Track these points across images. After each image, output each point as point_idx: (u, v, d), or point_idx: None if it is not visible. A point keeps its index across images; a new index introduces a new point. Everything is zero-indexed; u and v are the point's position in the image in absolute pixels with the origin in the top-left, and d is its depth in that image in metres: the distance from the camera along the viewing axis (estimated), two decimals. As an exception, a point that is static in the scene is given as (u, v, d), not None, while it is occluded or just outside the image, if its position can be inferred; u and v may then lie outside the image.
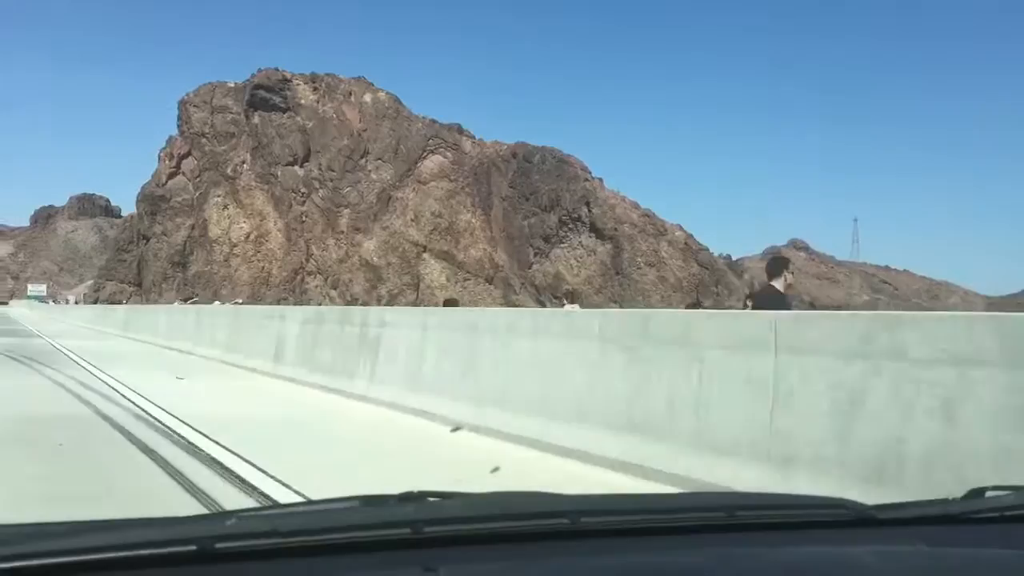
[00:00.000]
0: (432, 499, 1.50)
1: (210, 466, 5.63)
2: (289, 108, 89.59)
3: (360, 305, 76.95)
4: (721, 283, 71.76)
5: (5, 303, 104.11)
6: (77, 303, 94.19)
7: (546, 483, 4.46)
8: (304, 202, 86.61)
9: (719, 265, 72.17)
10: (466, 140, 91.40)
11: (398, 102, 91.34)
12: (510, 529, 1.40)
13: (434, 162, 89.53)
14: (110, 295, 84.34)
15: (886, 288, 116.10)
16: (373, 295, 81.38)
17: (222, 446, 6.26)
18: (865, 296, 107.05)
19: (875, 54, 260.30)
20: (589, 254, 76.28)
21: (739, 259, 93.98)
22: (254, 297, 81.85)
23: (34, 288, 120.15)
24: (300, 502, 2.87)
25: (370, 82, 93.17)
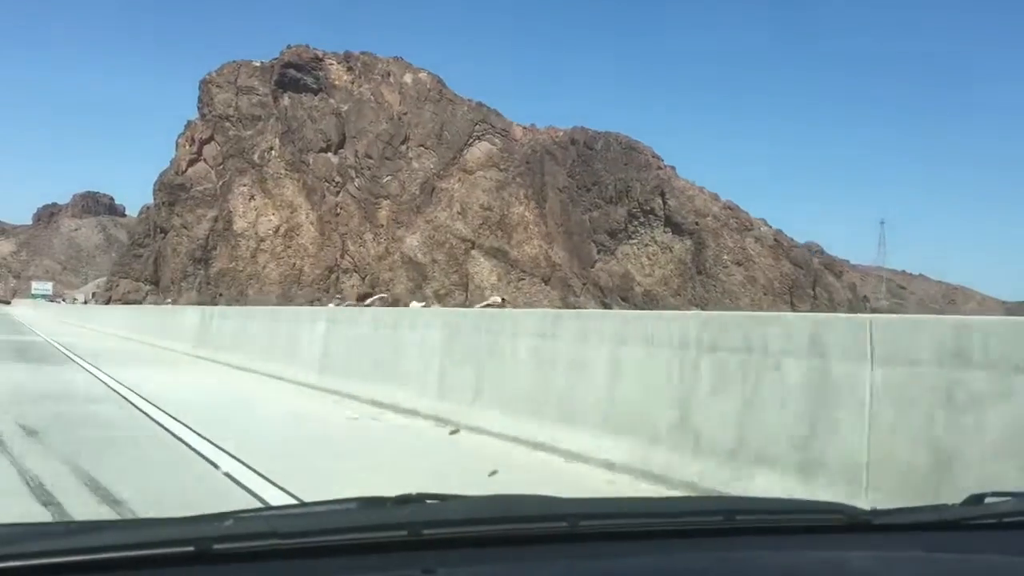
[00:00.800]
0: (430, 501, 1.50)
1: None
2: (321, 89, 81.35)
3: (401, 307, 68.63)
4: (819, 285, 63.31)
5: (7, 302, 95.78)
6: (86, 303, 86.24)
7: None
8: (339, 192, 78.30)
9: (815, 264, 63.81)
10: (516, 126, 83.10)
11: (441, 83, 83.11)
12: (508, 532, 1.40)
13: (481, 150, 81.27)
14: (124, 294, 75.98)
15: (903, 293, 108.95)
16: (418, 296, 73.02)
17: None
18: (884, 301, 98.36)
19: (880, 53, 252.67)
20: (664, 251, 67.94)
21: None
22: (284, 298, 73.60)
23: (39, 286, 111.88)
24: (298, 503, 2.58)
25: (409, 62, 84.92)
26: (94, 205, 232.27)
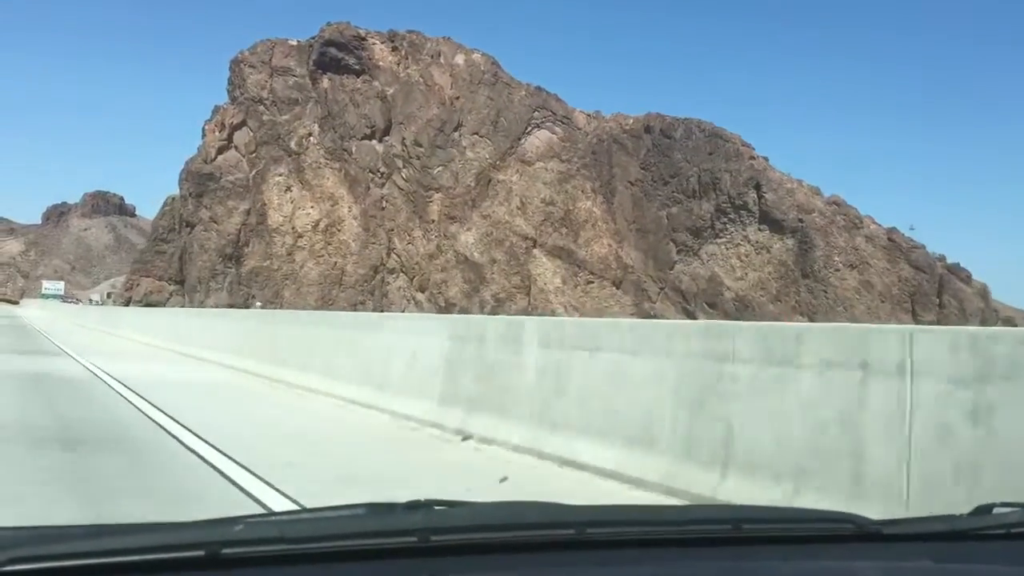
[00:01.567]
0: (439, 507, 1.51)
1: None
2: (364, 71, 73.65)
3: (456, 312, 60.74)
4: (946, 292, 55.17)
5: (15, 302, 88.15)
6: (101, 303, 78.74)
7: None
8: (384, 184, 70.54)
9: (938, 269, 55.79)
10: (578, 112, 75.26)
11: (496, 65, 75.33)
12: (516, 539, 1.42)
13: (541, 139, 73.46)
14: (145, 294, 68.24)
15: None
16: (475, 300, 65.14)
17: None
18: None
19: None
20: (759, 251, 59.92)
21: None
22: (324, 301, 65.73)
23: (50, 285, 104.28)
24: (307, 509, 2.55)
25: (459, 43, 77.16)
26: (104, 205, 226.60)
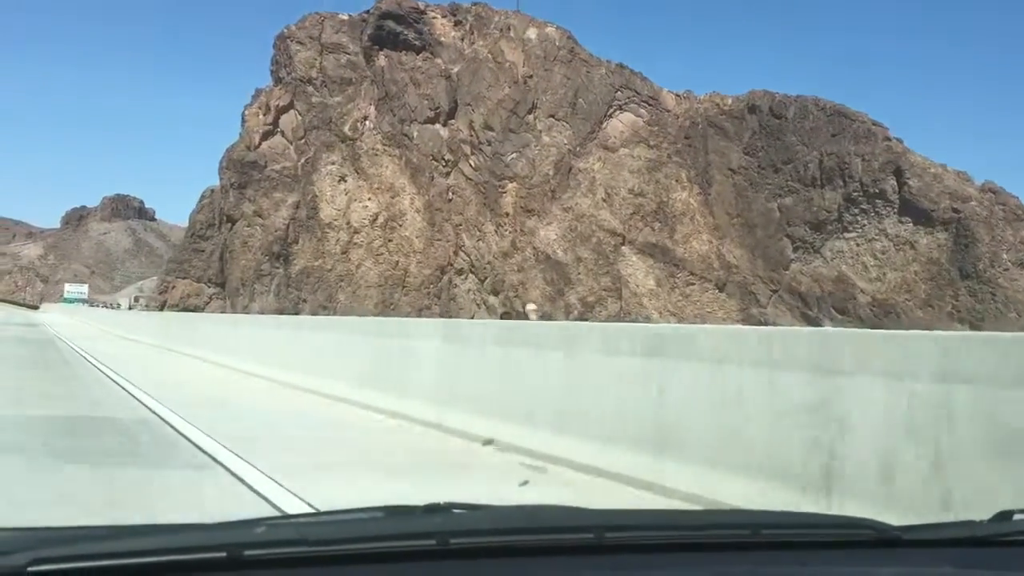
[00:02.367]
0: (458, 511, 1.52)
1: None
2: (425, 47, 65.47)
3: (542, 320, 52.26)
4: None
5: (35, 307, 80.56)
6: (130, 308, 70.84)
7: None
8: (451, 173, 62.29)
9: None
10: (666, 93, 66.80)
11: (573, 40, 67.00)
12: (535, 543, 1.42)
13: (624, 122, 65.01)
14: (181, 298, 60.23)
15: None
16: (560, 304, 56.68)
17: None
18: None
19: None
20: (900, 248, 51.18)
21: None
22: (384, 306, 57.46)
23: (73, 288, 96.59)
24: (327, 511, 2.61)
25: (530, 15, 68.88)
26: (124, 209, 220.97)
